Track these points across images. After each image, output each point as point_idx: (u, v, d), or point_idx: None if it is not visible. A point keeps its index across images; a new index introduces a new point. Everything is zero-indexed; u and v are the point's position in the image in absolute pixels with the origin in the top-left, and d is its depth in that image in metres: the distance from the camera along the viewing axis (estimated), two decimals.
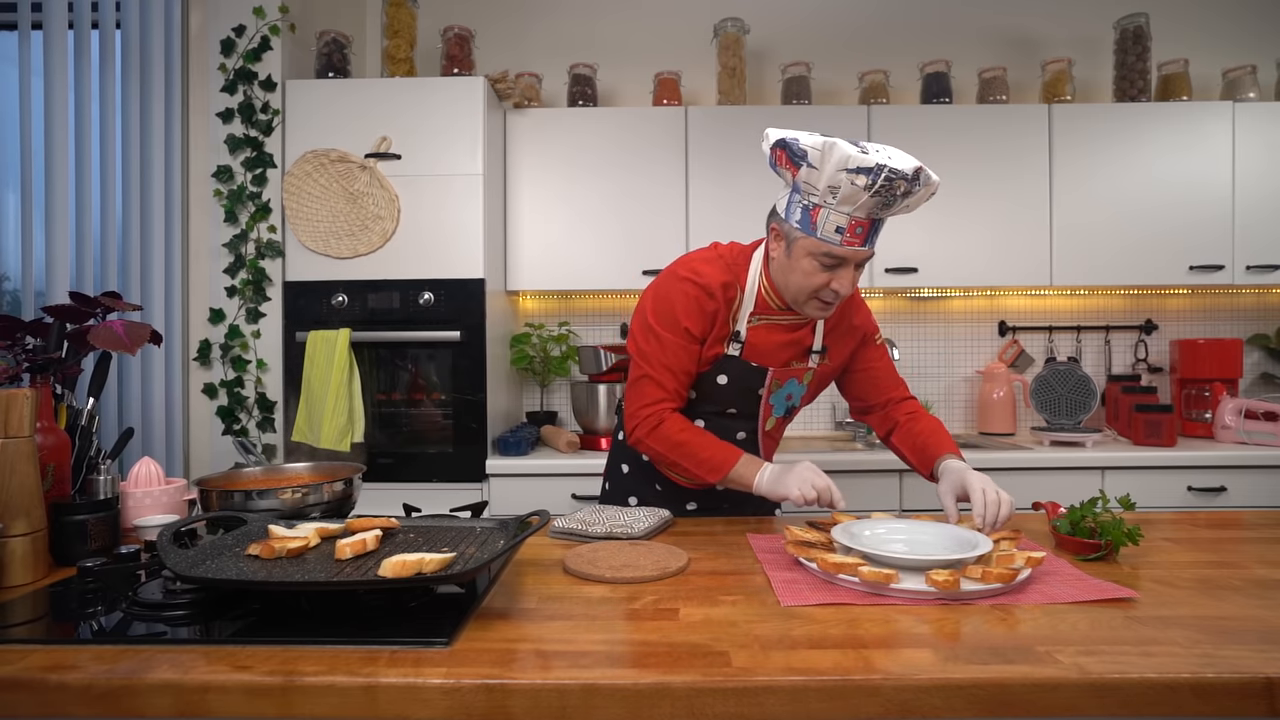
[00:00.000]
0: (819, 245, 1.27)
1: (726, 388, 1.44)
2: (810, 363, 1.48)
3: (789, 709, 0.73)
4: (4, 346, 1.22)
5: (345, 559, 0.97)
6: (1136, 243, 2.61)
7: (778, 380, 1.45)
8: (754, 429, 1.50)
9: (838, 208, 1.24)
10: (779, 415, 1.51)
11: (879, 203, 1.23)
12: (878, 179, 1.19)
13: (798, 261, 1.32)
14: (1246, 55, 2.86)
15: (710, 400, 1.47)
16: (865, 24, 2.97)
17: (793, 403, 1.52)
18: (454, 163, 2.35)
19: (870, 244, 1.28)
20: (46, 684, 0.75)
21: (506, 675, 0.75)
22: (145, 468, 1.33)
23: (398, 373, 2.38)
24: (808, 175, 1.25)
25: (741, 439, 1.51)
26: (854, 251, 1.27)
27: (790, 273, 1.34)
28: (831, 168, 1.21)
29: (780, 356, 1.44)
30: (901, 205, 1.25)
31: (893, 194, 1.21)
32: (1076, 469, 2.35)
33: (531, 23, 2.96)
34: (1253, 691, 0.73)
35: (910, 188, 1.21)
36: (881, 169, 1.18)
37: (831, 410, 2.94)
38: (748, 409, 1.48)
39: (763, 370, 1.43)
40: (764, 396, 1.46)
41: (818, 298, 1.34)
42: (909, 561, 1.01)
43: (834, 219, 1.25)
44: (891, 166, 1.18)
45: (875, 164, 1.18)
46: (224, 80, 2.38)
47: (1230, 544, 1.23)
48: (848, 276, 1.30)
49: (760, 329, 1.43)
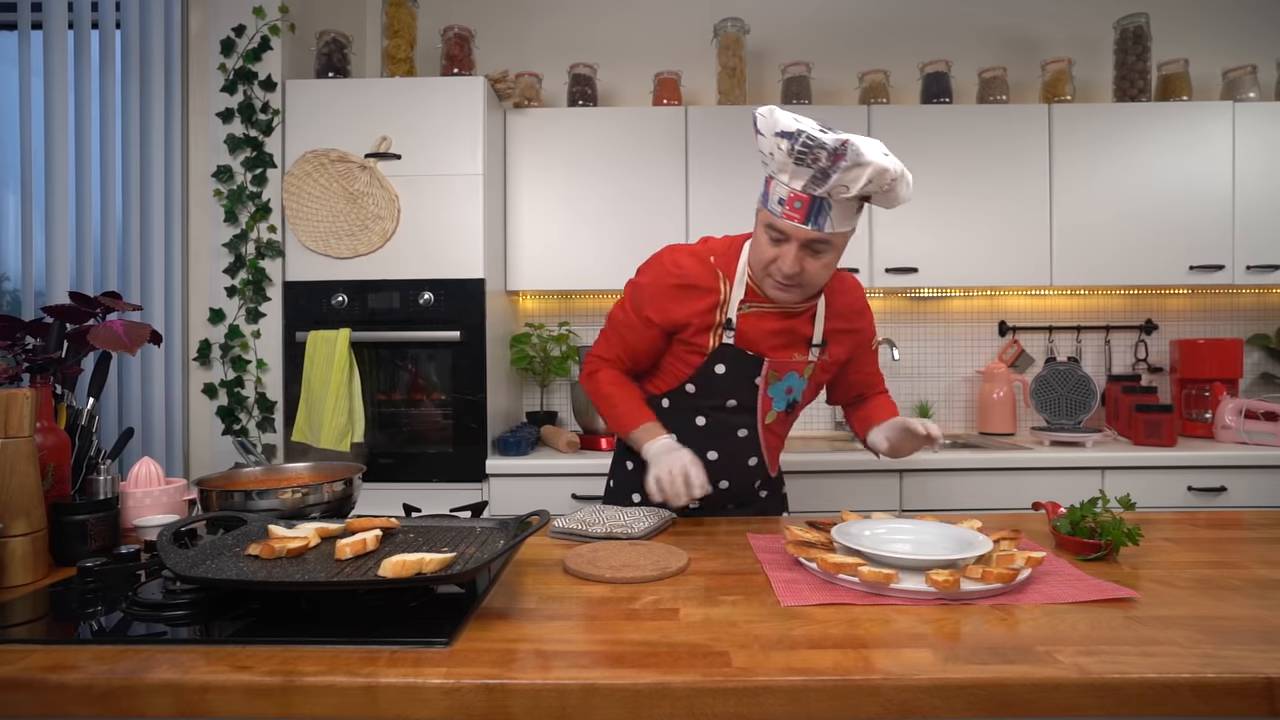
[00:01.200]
0: (767, 216, 1.30)
1: (724, 377, 1.44)
2: (811, 355, 1.48)
3: (789, 709, 0.73)
4: (4, 346, 1.22)
5: (345, 559, 0.97)
6: (1137, 243, 2.61)
7: (775, 371, 1.45)
8: (754, 424, 1.49)
9: (779, 177, 1.26)
10: (780, 409, 1.50)
11: (809, 175, 1.22)
12: (796, 143, 1.20)
13: (758, 234, 1.35)
14: (1246, 55, 2.86)
15: (710, 393, 1.47)
16: (865, 24, 2.97)
17: (793, 397, 1.51)
18: (454, 163, 2.35)
19: (813, 223, 1.25)
20: (46, 684, 0.75)
21: (506, 675, 0.75)
22: (145, 468, 1.33)
23: (398, 373, 2.38)
24: (759, 144, 1.28)
25: (743, 435, 1.50)
26: (793, 227, 1.27)
27: (755, 246, 1.36)
28: (768, 134, 1.24)
29: (772, 344, 1.44)
30: (837, 184, 1.22)
31: (815, 161, 1.20)
32: (1076, 469, 2.35)
33: (531, 23, 2.96)
34: (1253, 691, 0.73)
35: (833, 160, 1.19)
36: (800, 134, 1.19)
37: (831, 410, 2.94)
38: (747, 400, 1.47)
39: (758, 359, 1.43)
40: (762, 388, 1.46)
41: (769, 274, 1.35)
42: (909, 561, 1.01)
43: (778, 190, 1.27)
44: (810, 134, 1.19)
45: (796, 129, 1.20)
46: (224, 80, 2.38)
47: (1230, 544, 1.23)
48: (789, 254, 1.29)
49: (750, 316, 1.43)
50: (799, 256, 1.30)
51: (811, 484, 2.33)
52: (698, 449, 1.46)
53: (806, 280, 1.33)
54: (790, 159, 1.22)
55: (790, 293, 1.36)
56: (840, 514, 1.26)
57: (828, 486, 2.33)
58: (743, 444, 1.50)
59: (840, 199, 1.24)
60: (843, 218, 1.27)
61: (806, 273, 1.32)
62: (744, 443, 1.50)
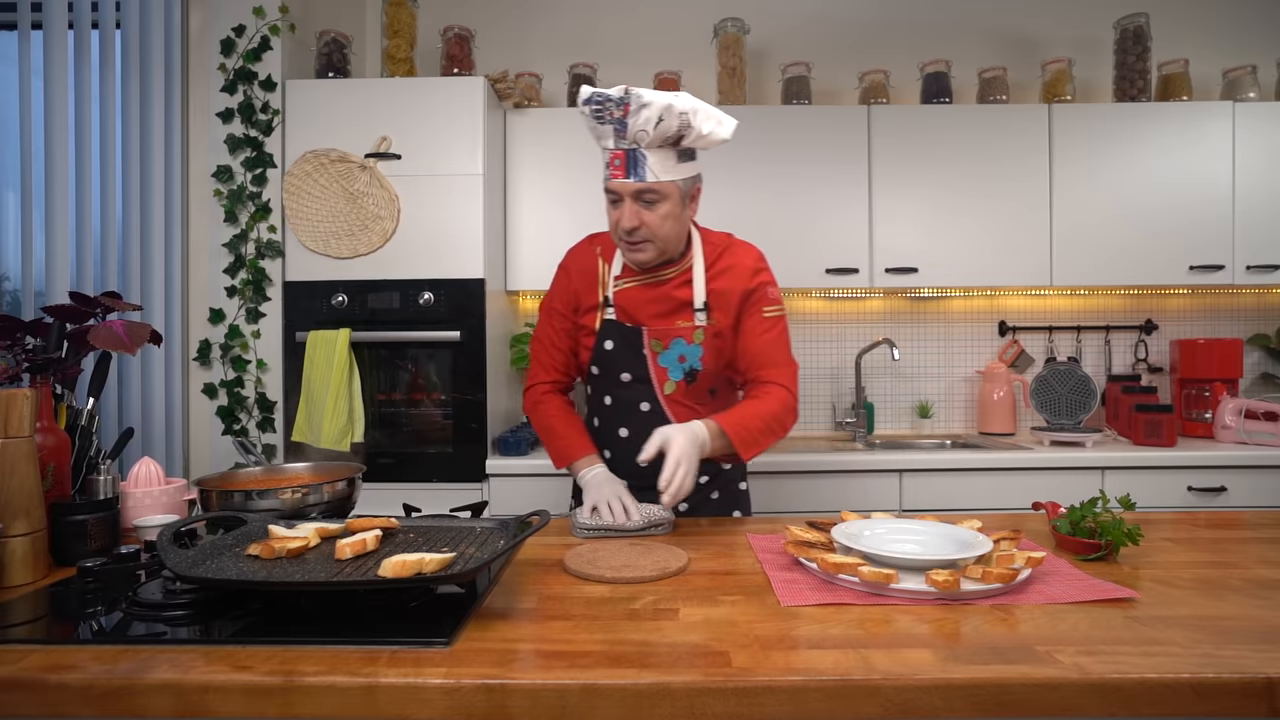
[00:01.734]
0: (604, 183, 1.41)
1: (614, 353, 1.51)
2: (697, 320, 1.49)
3: (789, 709, 0.73)
4: (4, 346, 1.22)
5: (345, 559, 0.97)
6: (1137, 243, 2.61)
7: (659, 340, 1.48)
8: (653, 395, 1.51)
9: (600, 145, 1.40)
10: (678, 379, 1.49)
11: (612, 130, 1.35)
12: (590, 105, 1.35)
13: (606, 209, 1.45)
14: (1246, 55, 2.86)
15: (608, 371, 1.53)
16: (865, 24, 2.97)
17: (689, 364, 1.49)
18: (454, 163, 2.35)
19: (634, 175, 1.36)
20: (46, 684, 0.75)
21: (506, 675, 0.75)
22: (145, 468, 1.33)
23: (398, 373, 2.38)
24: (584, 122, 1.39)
25: (646, 410, 1.51)
26: (619, 183, 1.37)
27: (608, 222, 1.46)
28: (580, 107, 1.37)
29: (651, 313, 1.49)
30: (636, 130, 1.32)
31: (611, 115, 1.33)
32: (1076, 469, 2.35)
33: (531, 23, 2.96)
34: (1253, 691, 0.73)
35: (623, 110, 1.32)
36: (591, 97, 1.34)
37: (831, 410, 2.94)
38: (640, 373, 1.50)
39: (637, 329, 1.49)
40: (650, 358, 1.49)
41: (619, 237, 1.44)
42: (909, 561, 1.01)
43: (604, 157, 1.39)
44: (596, 91, 1.34)
45: (591, 92, 1.35)
46: (224, 80, 2.38)
47: (1230, 544, 1.23)
48: (629, 210, 1.38)
49: (626, 291, 1.51)
50: (634, 211, 1.39)
51: (811, 484, 2.33)
52: (610, 428, 1.53)
53: (651, 234, 1.41)
54: (595, 121, 1.36)
55: (642, 250, 1.43)
56: (840, 514, 1.26)
57: (828, 486, 2.33)
58: (648, 418, 1.50)
59: (650, 147, 1.35)
60: (663, 166, 1.37)
61: (646, 225, 1.40)
62: (649, 417, 1.50)
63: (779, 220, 2.61)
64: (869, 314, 2.96)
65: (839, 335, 2.95)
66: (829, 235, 2.61)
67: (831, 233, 2.61)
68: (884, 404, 2.95)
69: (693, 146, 1.39)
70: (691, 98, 1.34)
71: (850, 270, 2.60)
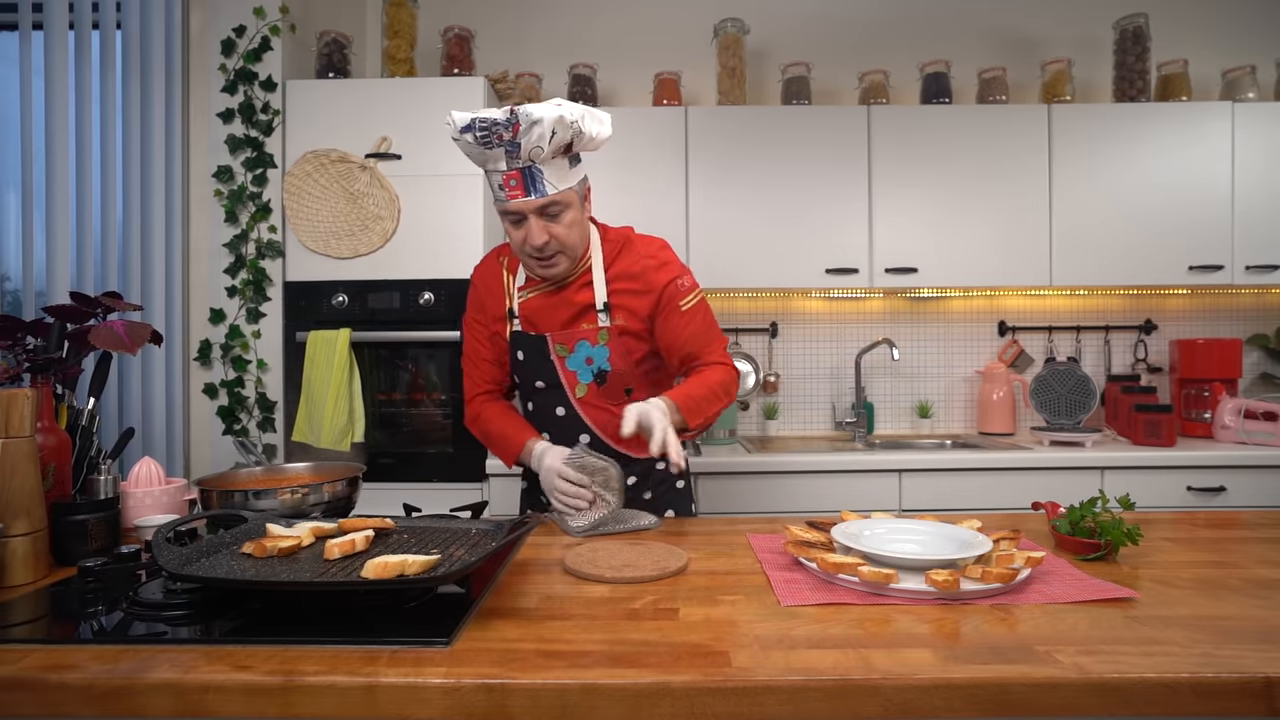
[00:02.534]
0: (500, 207, 1.38)
1: (525, 362, 1.53)
2: (600, 321, 1.49)
3: (789, 709, 0.73)
4: (5, 346, 1.23)
5: (333, 559, 0.97)
6: (1136, 243, 2.61)
7: (563, 344, 1.49)
8: (567, 400, 1.51)
9: (487, 168, 1.36)
10: (588, 381, 1.50)
11: (503, 152, 1.31)
12: (475, 132, 1.30)
13: (506, 230, 1.42)
14: (1246, 55, 2.86)
15: (524, 380, 1.55)
16: (865, 24, 2.97)
17: (596, 365, 1.49)
18: (454, 163, 2.35)
19: (534, 192, 1.34)
20: (47, 684, 0.75)
21: (506, 675, 0.75)
22: (145, 468, 1.33)
23: (398, 373, 2.38)
24: (460, 149, 1.35)
25: (561, 414, 1.52)
26: (520, 203, 1.34)
27: (510, 243, 1.45)
28: (456, 136, 1.33)
29: (554, 319, 1.50)
30: (530, 148, 1.29)
31: (500, 139, 1.29)
32: (1076, 469, 2.35)
33: (531, 23, 2.96)
34: (1252, 691, 0.73)
35: (512, 131, 1.28)
36: (474, 120, 1.29)
37: (831, 410, 2.94)
38: (551, 379, 1.51)
39: (541, 337, 1.50)
40: (558, 364, 1.50)
41: (529, 257, 1.42)
42: (909, 561, 1.01)
43: (494, 179, 1.36)
44: (480, 118, 1.29)
45: (470, 120, 1.29)
46: (224, 80, 2.39)
47: (1230, 544, 1.23)
48: (535, 227, 1.37)
49: (530, 301, 1.52)
50: (540, 227, 1.37)
51: (811, 484, 2.33)
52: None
53: (561, 245, 1.40)
54: (481, 147, 1.31)
55: (555, 264, 1.43)
56: (840, 514, 1.26)
57: (828, 486, 2.33)
58: (565, 422, 1.52)
59: (543, 160, 1.32)
60: (559, 176, 1.35)
61: (555, 238, 1.39)
62: (565, 421, 1.52)
63: (779, 220, 2.61)
64: (869, 314, 2.96)
65: (839, 335, 2.95)
66: (829, 235, 2.61)
67: (831, 233, 2.61)
68: (884, 404, 2.96)
69: (582, 151, 1.39)
70: (571, 104, 1.32)
71: (850, 270, 2.61)
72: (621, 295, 1.49)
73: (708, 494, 2.33)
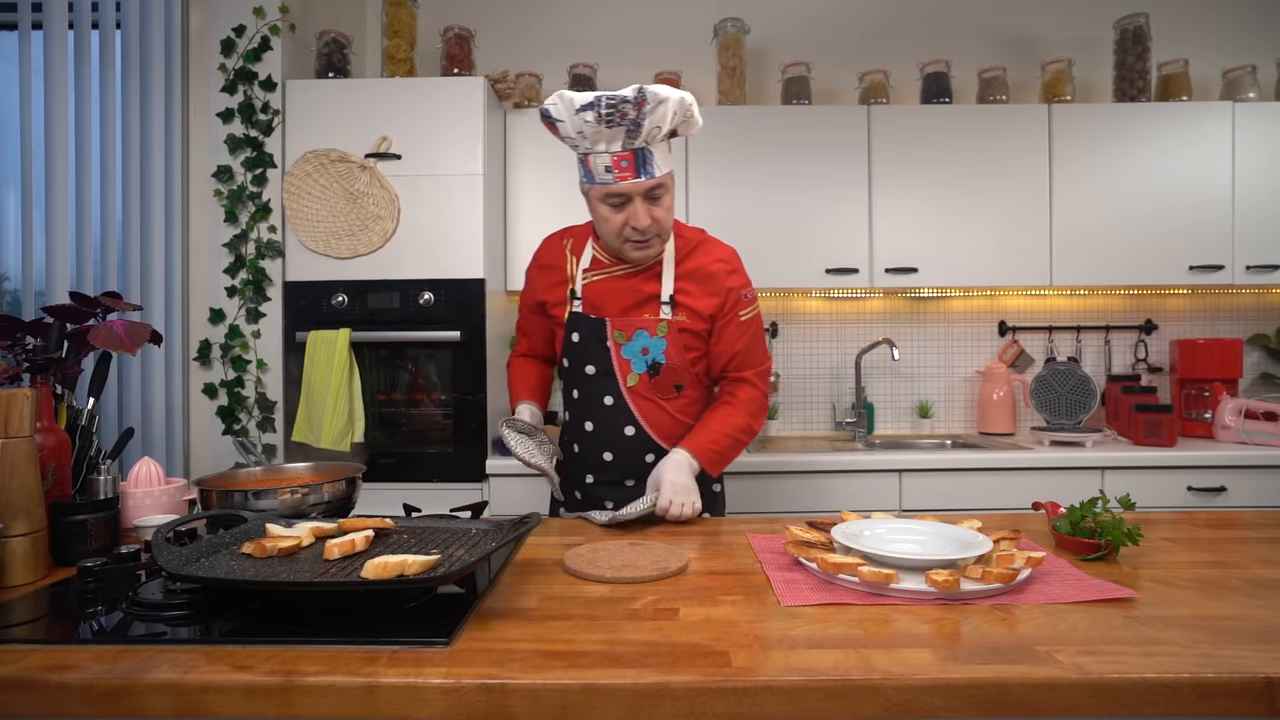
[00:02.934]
0: (601, 189, 1.41)
1: (580, 344, 1.54)
2: (662, 314, 1.50)
3: (789, 709, 0.73)
4: (4, 346, 1.23)
5: (333, 559, 0.97)
6: (1136, 243, 2.61)
7: (622, 331, 1.50)
8: (616, 389, 1.52)
9: (595, 150, 1.38)
10: (641, 371, 1.51)
11: (621, 131, 1.34)
12: (600, 108, 1.32)
13: (597, 210, 1.45)
14: (1246, 55, 2.86)
15: (574, 363, 1.56)
16: (865, 24, 2.97)
17: (652, 357, 1.50)
18: (454, 163, 2.35)
19: (645, 174, 1.38)
20: (47, 684, 0.75)
21: (506, 675, 0.75)
22: (145, 468, 1.33)
23: (398, 373, 2.38)
24: (564, 130, 1.39)
25: (610, 403, 1.53)
26: (630, 184, 1.38)
27: (599, 223, 1.47)
28: (569, 115, 1.35)
29: (617, 304, 1.52)
30: (651, 128, 1.34)
31: (625, 117, 1.33)
32: (1076, 469, 2.35)
33: (531, 22, 2.96)
34: (1253, 691, 0.73)
35: (638, 109, 1.32)
36: (600, 98, 1.32)
37: (831, 410, 2.94)
38: (603, 365, 1.52)
39: (601, 320, 1.51)
40: (614, 350, 1.50)
41: (626, 238, 1.45)
42: (909, 561, 1.01)
43: (600, 160, 1.38)
44: (608, 94, 1.32)
45: (594, 98, 1.32)
46: (224, 80, 2.38)
47: (1230, 544, 1.23)
48: (638, 211, 1.40)
49: (596, 283, 1.54)
50: (646, 209, 1.41)
51: (811, 484, 2.33)
52: (577, 421, 1.57)
53: (660, 228, 1.45)
54: (602, 125, 1.33)
55: (652, 245, 1.46)
56: (840, 514, 1.26)
57: (828, 486, 2.33)
58: (612, 411, 1.52)
59: (656, 141, 1.37)
60: (663, 158, 1.41)
61: (657, 221, 1.43)
62: (613, 411, 1.53)
63: (779, 220, 2.61)
64: (869, 314, 2.96)
65: (839, 335, 2.95)
66: (829, 235, 2.61)
67: (831, 233, 2.61)
68: (884, 404, 2.96)
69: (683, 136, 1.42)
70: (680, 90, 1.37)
71: (850, 270, 2.60)
72: (688, 293, 1.51)
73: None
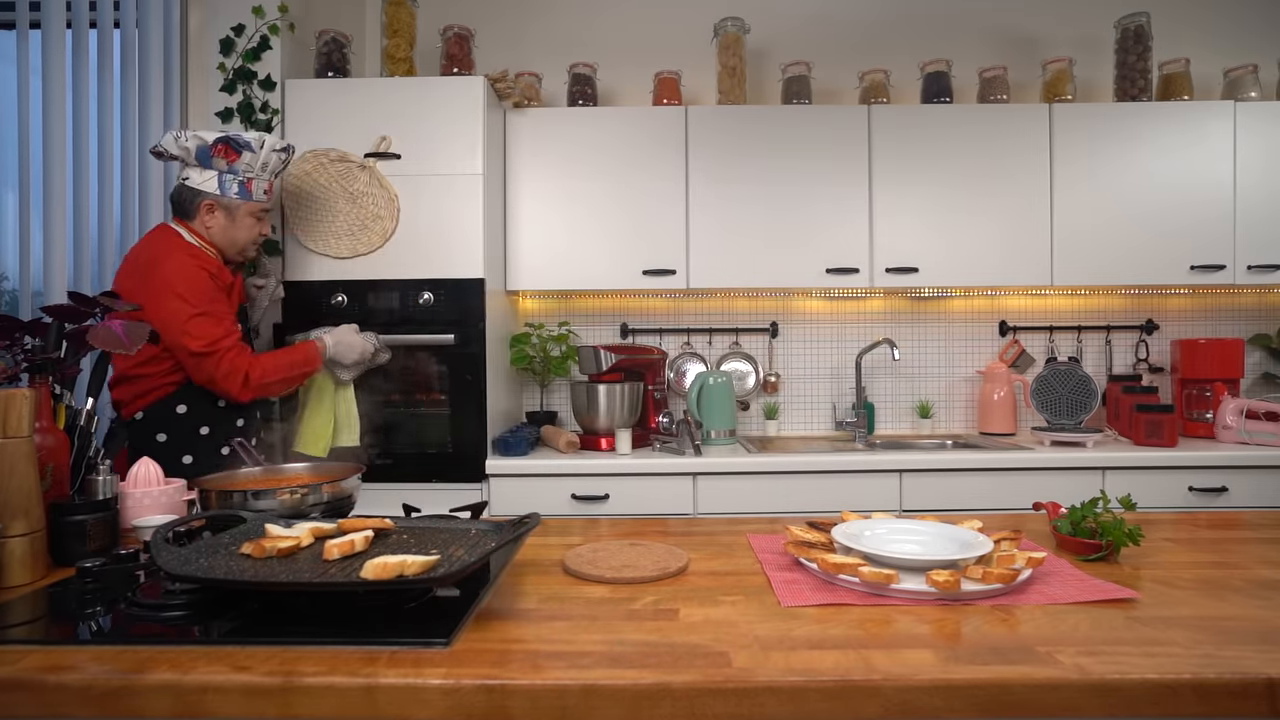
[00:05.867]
0: (257, 205, 1.93)
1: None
2: None
3: (789, 709, 0.73)
4: (3, 346, 1.22)
5: (333, 560, 0.97)
6: (1137, 242, 2.60)
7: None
8: None
9: (262, 175, 1.93)
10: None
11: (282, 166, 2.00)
12: (290, 152, 2.01)
13: (241, 221, 1.92)
14: (1248, 54, 2.86)
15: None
16: (865, 24, 2.96)
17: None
18: (454, 162, 2.35)
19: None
20: (46, 684, 0.75)
21: (506, 676, 0.74)
22: (144, 468, 1.33)
23: (397, 373, 2.37)
24: (249, 159, 1.89)
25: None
26: (270, 201, 1.97)
27: (237, 231, 1.92)
28: (267, 150, 1.92)
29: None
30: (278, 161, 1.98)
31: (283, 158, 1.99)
32: (1077, 469, 2.35)
33: (531, 22, 2.96)
34: (1254, 692, 0.73)
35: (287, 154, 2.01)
36: (289, 146, 1.99)
37: (832, 410, 2.94)
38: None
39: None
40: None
41: (255, 244, 1.98)
42: (909, 562, 1.00)
43: (261, 184, 1.93)
44: (288, 143, 2.00)
45: (287, 144, 1.98)
46: (223, 80, 2.38)
47: (1231, 544, 1.22)
48: (266, 221, 1.99)
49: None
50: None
51: (811, 484, 2.33)
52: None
53: None
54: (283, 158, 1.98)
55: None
56: (841, 514, 1.26)
57: (828, 486, 2.33)
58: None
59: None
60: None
61: None
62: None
63: (779, 220, 2.61)
64: (869, 314, 2.96)
65: (839, 335, 2.95)
66: (829, 235, 2.61)
67: (832, 232, 2.61)
68: (884, 404, 2.95)
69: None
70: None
71: (850, 270, 2.60)
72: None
73: (708, 494, 2.32)
